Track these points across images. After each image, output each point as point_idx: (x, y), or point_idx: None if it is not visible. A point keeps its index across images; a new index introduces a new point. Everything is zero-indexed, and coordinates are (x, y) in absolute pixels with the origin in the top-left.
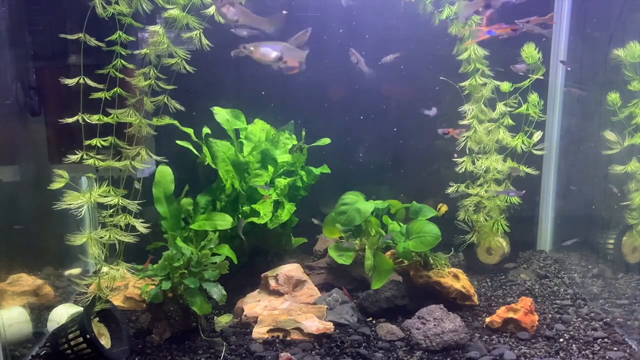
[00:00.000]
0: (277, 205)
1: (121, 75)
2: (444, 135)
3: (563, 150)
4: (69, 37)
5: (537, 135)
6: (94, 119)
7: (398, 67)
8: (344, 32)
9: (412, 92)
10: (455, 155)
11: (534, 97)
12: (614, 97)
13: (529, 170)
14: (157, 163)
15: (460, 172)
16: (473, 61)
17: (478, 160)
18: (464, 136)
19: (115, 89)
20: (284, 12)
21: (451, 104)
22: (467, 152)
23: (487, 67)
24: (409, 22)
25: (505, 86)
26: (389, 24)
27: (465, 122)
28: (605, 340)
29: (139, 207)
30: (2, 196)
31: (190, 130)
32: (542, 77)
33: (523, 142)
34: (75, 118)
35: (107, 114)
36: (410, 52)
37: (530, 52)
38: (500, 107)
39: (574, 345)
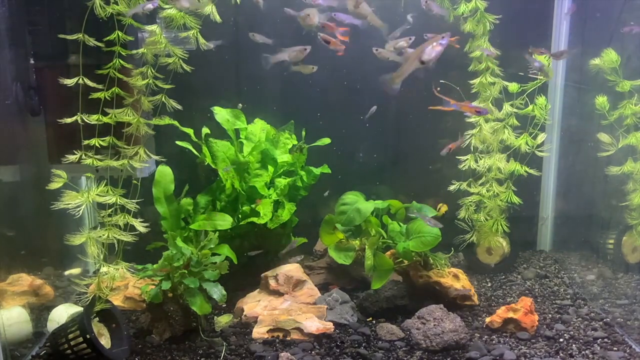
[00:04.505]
0: (277, 205)
1: (120, 75)
2: (449, 151)
3: (563, 150)
4: (69, 37)
5: (542, 137)
6: (93, 119)
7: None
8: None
9: (413, 91)
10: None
11: (541, 100)
12: (601, 100)
13: (531, 170)
14: (157, 163)
15: (463, 169)
16: (485, 60)
17: (481, 159)
18: (468, 133)
19: (113, 89)
20: None
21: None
22: (472, 150)
23: (497, 67)
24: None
25: (513, 87)
26: (394, 21)
27: (472, 119)
28: (605, 340)
29: (137, 206)
30: (2, 196)
31: (190, 131)
32: (541, 78)
33: (527, 143)
34: (74, 118)
35: (105, 114)
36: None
37: (540, 60)
38: (507, 107)
39: (574, 345)
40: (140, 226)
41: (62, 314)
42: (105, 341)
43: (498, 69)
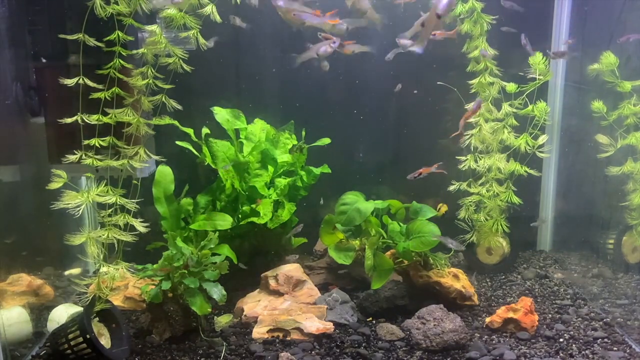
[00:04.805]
0: (277, 205)
1: (120, 75)
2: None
3: (563, 150)
4: (69, 37)
5: (543, 138)
6: (93, 119)
7: (400, 65)
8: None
9: (413, 91)
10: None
11: (542, 105)
12: (597, 104)
13: (531, 171)
14: (157, 163)
15: (463, 169)
16: (483, 60)
17: (481, 159)
18: (468, 134)
19: (113, 89)
20: None
21: (455, 103)
22: (472, 150)
23: (495, 67)
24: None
25: (511, 87)
26: (392, 21)
27: (471, 120)
28: (605, 340)
29: (137, 206)
30: (2, 196)
31: (190, 130)
32: (541, 78)
33: (527, 143)
34: (74, 118)
35: (105, 114)
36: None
37: (537, 60)
38: (506, 107)
39: (574, 345)
40: (140, 226)
41: (62, 314)
42: (105, 341)
43: (497, 69)
